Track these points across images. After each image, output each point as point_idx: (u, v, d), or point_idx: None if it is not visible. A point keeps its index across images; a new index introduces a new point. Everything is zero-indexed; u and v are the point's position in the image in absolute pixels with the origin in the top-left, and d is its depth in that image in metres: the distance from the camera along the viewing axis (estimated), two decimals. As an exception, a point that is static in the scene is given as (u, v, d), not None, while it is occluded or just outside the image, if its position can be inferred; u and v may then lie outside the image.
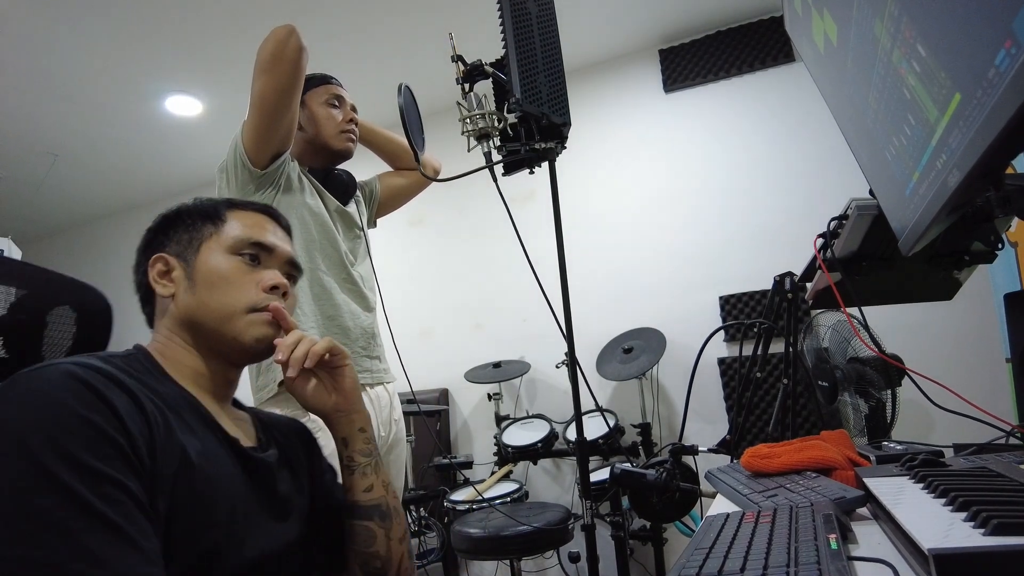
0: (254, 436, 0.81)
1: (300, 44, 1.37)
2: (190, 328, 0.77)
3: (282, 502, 0.75)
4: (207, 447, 0.67)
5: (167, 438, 0.62)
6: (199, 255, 0.79)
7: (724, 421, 2.87)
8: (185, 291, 0.77)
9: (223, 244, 0.80)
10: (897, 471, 0.73)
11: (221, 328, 0.76)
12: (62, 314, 0.81)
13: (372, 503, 0.81)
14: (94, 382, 0.58)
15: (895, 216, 0.86)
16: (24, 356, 0.77)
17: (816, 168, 2.87)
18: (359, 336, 1.50)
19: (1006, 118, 0.44)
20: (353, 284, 1.53)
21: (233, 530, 0.65)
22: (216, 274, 0.78)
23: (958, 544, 0.42)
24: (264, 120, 1.36)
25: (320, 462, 0.90)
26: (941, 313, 2.39)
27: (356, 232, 1.61)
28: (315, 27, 2.85)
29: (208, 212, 0.82)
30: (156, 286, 0.78)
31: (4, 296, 0.76)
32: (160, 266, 0.79)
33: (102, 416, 0.56)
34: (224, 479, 0.67)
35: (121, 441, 0.56)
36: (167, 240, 0.81)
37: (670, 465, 1.01)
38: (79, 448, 0.54)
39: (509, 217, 1.33)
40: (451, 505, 2.52)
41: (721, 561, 0.53)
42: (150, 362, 0.73)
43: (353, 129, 1.59)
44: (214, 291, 0.77)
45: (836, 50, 0.89)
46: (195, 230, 0.81)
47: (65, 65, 2.95)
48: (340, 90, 1.62)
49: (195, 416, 0.69)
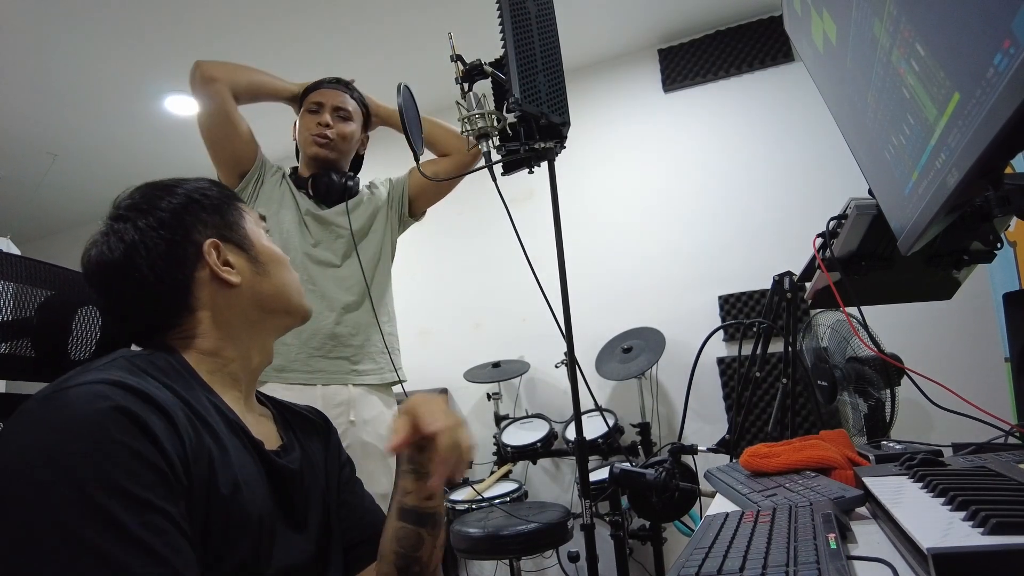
0: (277, 436, 0.79)
1: (206, 75, 1.48)
2: (262, 310, 0.78)
3: (302, 509, 0.74)
4: (236, 457, 0.65)
5: (198, 449, 0.61)
6: (249, 236, 0.79)
7: (723, 421, 2.88)
8: (255, 275, 0.77)
9: (255, 220, 0.83)
10: (896, 470, 0.73)
11: (289, 300, 0.81)
12: (88, 314, 0.82)
13: (429, 511, 0.77)
14: (132, 407, 0.56)
15: (894, 215, 0.86)
16: (51, 355, 0.77)
17: (815, 168, 2.87)
18: (311, 336, 1.49)
19: (1005, 117, 0.44)
20: (313, 285, 1.53)
21: (261, 541, 0.64)
22: (275, 254, 0.81)
23: (957, 543, 0.42)
24: (209, 146, 1.53)
25: (337, 454, 0.88)
26: (940, 313, 2.39)
27: (338, 233, 1.60)
28: (314, 27, 2.86)
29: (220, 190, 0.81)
30: (224, 274, 0.74)
31: (32, 298, 0.76)
32: (215, 253, 0.74)
33: (142, 444, 0.55)
34: (251, 489, 0.65)
35: (163, 467, 0.55)
36: (197, 223, 0.74)
37: (669, 465, 1.01)
38: (123, 477, 0.53)
39: (508, 216, 1.33)
40: (450, 505, 2.52)
41: (720, 561, 0.53)
42: (183, 366, 0.70)
43: (322, 133, 1.58)
44: (281, 270, 0.81)
45: (835, 50, 0.89)
46: (226, 210, 0.78)
47: (65, 65, 2.95)
48: (324, 94, 1.62)
49: (222, 423, 0.67)
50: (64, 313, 0.79)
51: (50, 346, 0.77)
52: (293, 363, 1.47)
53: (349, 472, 0.89)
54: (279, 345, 1.44)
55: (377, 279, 1.65)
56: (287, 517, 0.71)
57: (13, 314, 0.73)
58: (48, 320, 0.77)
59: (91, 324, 0.82)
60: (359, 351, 1.56)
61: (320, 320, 1.51)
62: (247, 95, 1.56)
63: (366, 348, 1.57)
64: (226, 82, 1.50)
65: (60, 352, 0.78)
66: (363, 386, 1.55)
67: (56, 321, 0.78)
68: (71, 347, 0.79)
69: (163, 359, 0.68)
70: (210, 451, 0.62)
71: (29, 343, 0.75)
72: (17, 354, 0.74)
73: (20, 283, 0.74)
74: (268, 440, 0.75)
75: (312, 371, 1.49)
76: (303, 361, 1.48)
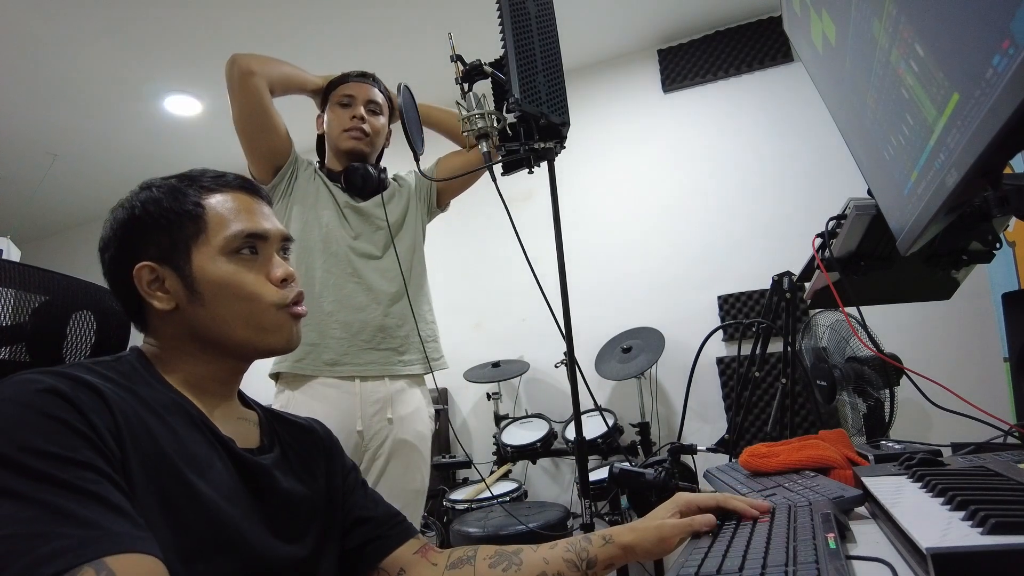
0: (257, 437, 0.78)
1: (244, 69, 1.45)
2: (203, 338, 0.73)
3: (283, 506, 0.73)
4: (191, 445, 0.65)
5: (136, 425, 0.60)
6: (192, 263, 0.72)
7: (723, 420, 2.88)
8: (190, 303, 0.72)
9: (217, 247, 0.72)
10: (895, 470, 0.73)
11: (246, 337, 0.74)
12: (82, 318, 0.81)
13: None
14: (59, 386, 0.57)
15: (893, 216, 0.86)
16: (46, 360, 0.77)
17: (814, 168, 2.87)
18: (360, 329, 1.51)
19: (1004, 118, 0.44)
20: (359, 278, 1.54)
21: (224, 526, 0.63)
22: (223, 284, 0.72)
23: (956, 543, 0.42)
24: (245, 141, 1.51)
25: (341, 463, 0.87)
26: (939, 312, 2.39)
27: (377, 225, 1.61)
28: (314, 26, 2.86)
29: (183, 208, 0.73)
30: (152, 300, 0.71)
31: (27, 303, 0.76)
32: (148, 276, 0.71)
33: (67, 413, 0.55)
34: (210, 477, 0.64)
35: (89, 434, 0.56)
36: (142, 243, 0.72)
37: (669, 464, 1.01)
38: (44, 441, 0.53)
39: (508, 217, 1.33)
40: (450, 504, 2.52)
41: (720, 560, 0.53)
42: (144, 365, 0.70)
43: (358, 127, 1.58)
44: (229, 303, 0.72)
45: (834, 50, 0.89)
46: (175, 231, 0.72)
47: (65, 65, 2.95)
48: (354, 87, 1.62)
49: (183, 419, 0.67)
50: (59, 318, 0.79)
51: (45, 351, 0.77)
52: (344, 356, 1.49)
53: (355, 476, 0.89)
54: (330, 340, 1.48)
55: (415, 268, 1.67)
56: (261, 511, 0.70)
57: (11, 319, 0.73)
58: (43, 325, 0.77)
59: (86, 329, 0.82)
60: (405, 341, 1.58)
61: (369, 312, 1.53)
62: (280, 88, 1.55)
63: (411, 338, 1.59)
64: (263, 75, 1.47)
65: (55, 357, 0.78)
66: (403, 378, 1.57)
67: (51, 326, 0.78)
68: (66, 352, 0.79)
69: (127, 363, 0.69)
70: (154, 430, 0.62)
71: (24, 348, 0.75)
72: (12, 359, 0.74)
73: (15, 288, 0.74)
74: (244, 440, 0.74)
75: (363, 363, 1.51)
76: (354, 355, 1.50)
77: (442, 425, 3.38)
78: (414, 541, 0.85)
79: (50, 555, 0.47)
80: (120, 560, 0.50)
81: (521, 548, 0.81)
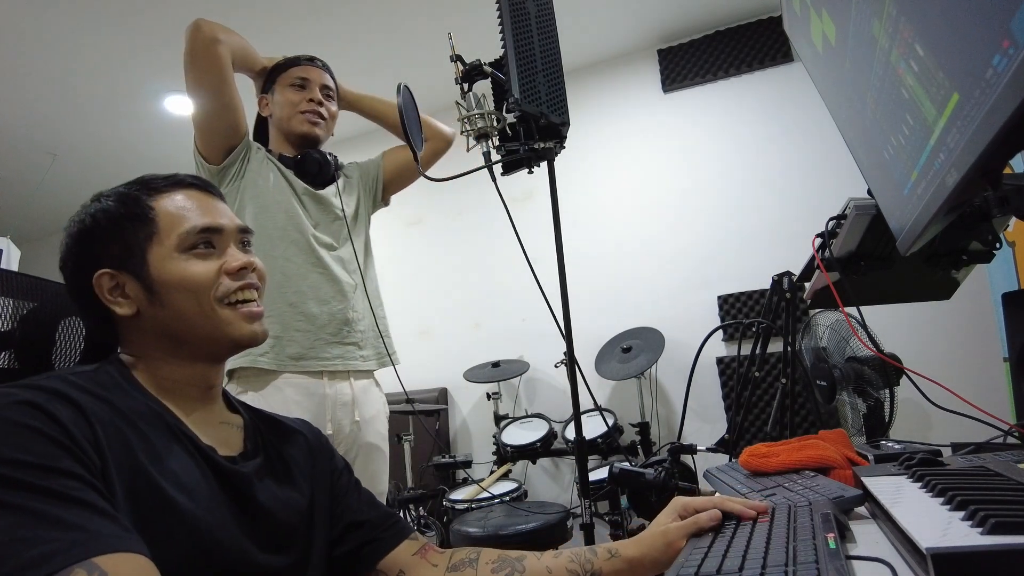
0: (240, 442, 0.77)
1: (210, 36, 1.36)
2: (170, 339, 0.73)
3: (265, 515, 0.72)
4: (169, 458, 0.64)
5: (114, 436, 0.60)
6: (148, 265, 0.72)
7: (723, 420, 2.88)
8: (150, 305, 0.72)
9: (170, 246, 0.73)
10: (895, 470, 0.73)
11: (203, 331, 0.73)
12: (71, 324, 0.81)
13: None
14: (36, 399, 0.57)
15: (893, 216, 0.86)
16: (35, 367, 0.77)
17: (814, 168, 2.87)
18: (327, 322, 1.46)
19: (1004, 118, 0.44)
20: (324, 268, 1.48)
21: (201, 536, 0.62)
22: (178, 281, 0.72)
23: (956, 543, 0.42)
24: (203, 116, 1.41)
25: (331, 464, 0.86)
26: (939, 313, 2.39)
27: (335, 214, 1.56)
28: (314, 26, 2.86)
29: (132, 212, 0.73)
30: (114, 307, 0.72)
31: (14, 310, 0.75)
32: (108, 283, 0.72)
33: (43, 424, 0.55)
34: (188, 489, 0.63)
35: (67, 443, 0.55)
36: (98, 254, 0.73)
37: (669, 464, 1.01)
38: (23, 452, 0.53)
39: (508, 217, 1.33)
40: (450, 504, 2.52)
41: (719, 560, 0.53)
42: (122, 374, 0.70)
43: (314, 110, 1.52)
44: (184, 298, 0.72)
45: (834, 50, 0.89)
46: (127, 237, 0.72)
47: (65, 65, 2.95)
48: (307, 71, 1.56)
49: (160, 428, 0.67)
50: (48, 324, 0.79)
51: (34, 357, 0.77)
52: (310, 351, 1.43)
53: (347, 478, 0.88)
54: (294, 333, 1.43)
55: (368, 260, 1.63)
56: (242, 522, 0.69)
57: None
58: (31, 332, 0.77)
59: (75, 335, 0.81)
60: (363, 336, 1.53)
61: (335, 304, 1.47)
62: (239, 62, 1.47)
63: (367, 333, 1.55)
64: (228, 45, 1.40)
65: (44, 363, 0.78)
66: (364, 377, 1.53)
67: (40, 332, 0.78)
68: (55, 358, 0.79)
69: (106, 373, 0.68)
70: (130, 441, 0.62)
71: (13, 355, 0.75)
72: (1, 367, 0.74)
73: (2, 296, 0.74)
74: (226, 446, 0.73)
75: (329, 358, 1.46)
76: (320, 348, 1.44)
77: (442, 425, 3.38)
78: (413, 542, 0.84)
79: (39, 558, 0.47)
80: (111, 559, 0.50)
81: (524, 555, 0.81)
